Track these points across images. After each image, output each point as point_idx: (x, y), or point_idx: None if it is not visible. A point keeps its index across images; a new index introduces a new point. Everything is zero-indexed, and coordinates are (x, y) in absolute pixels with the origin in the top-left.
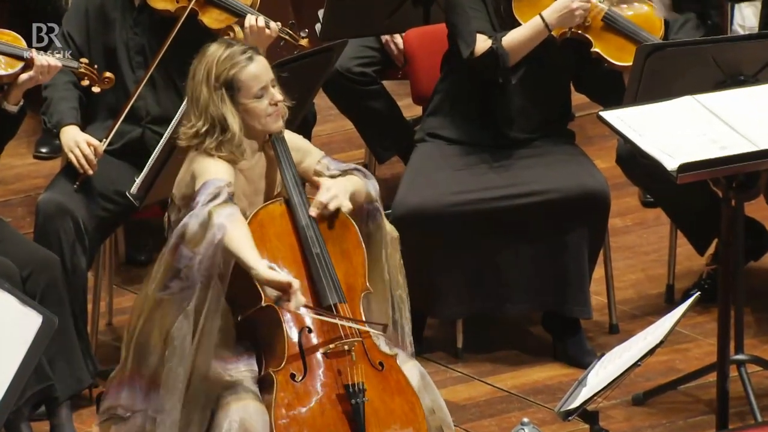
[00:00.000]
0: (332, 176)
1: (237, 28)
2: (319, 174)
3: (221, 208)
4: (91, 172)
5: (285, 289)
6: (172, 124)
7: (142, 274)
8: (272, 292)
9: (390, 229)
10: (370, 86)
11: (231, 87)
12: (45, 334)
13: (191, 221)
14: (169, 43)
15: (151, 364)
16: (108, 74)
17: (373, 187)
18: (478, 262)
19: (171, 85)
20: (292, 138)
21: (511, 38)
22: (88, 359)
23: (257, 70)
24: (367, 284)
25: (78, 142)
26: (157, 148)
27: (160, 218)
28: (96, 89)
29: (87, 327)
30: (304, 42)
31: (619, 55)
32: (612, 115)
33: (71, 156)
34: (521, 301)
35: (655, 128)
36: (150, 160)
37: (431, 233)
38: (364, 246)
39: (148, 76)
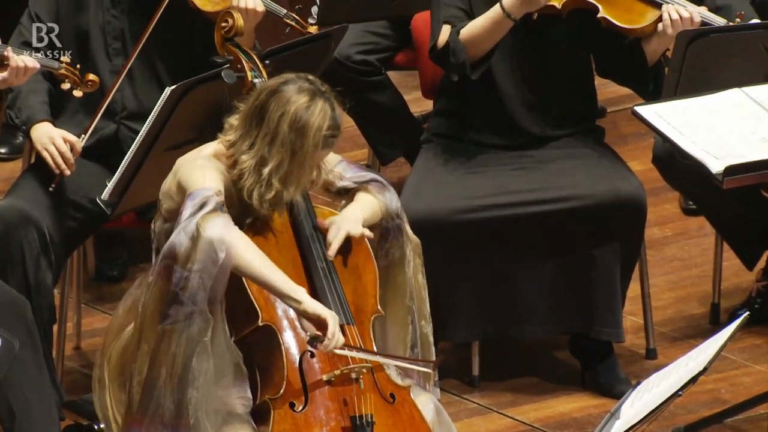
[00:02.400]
0: (344, 188)
1: (237, 15)
2: (330, 183)
3: (210, 218)
4: (68, 172)
5: (324, 326)
6: (148, 120)
7: (115, 291)
8: (308, 328)
9: (412, 238)
10: (373, 77)
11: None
12: (3, 358)
13: (180, 238)
14: (153, 27)
15: (165, 407)
16: (92, 77)
17: (393, 202)
18: (493, 277)
19: (153, 76)
20: None
21: (469, 29)
22: (53, 389)
23: (322, 155)
24: (378, 307)
25: (53, 138)
26: (132, 148)
27: (134, 228)
28: (78, 93)
29: (52, 351)
30: (312, 29)
31: (628, 18)
32: (649, 111)
33: (45, 154)
34: (542, 322)
35: (698, 125)
36: (124, 161)
37: (439, 244)
38: (375, 262)
39: (129, 65)
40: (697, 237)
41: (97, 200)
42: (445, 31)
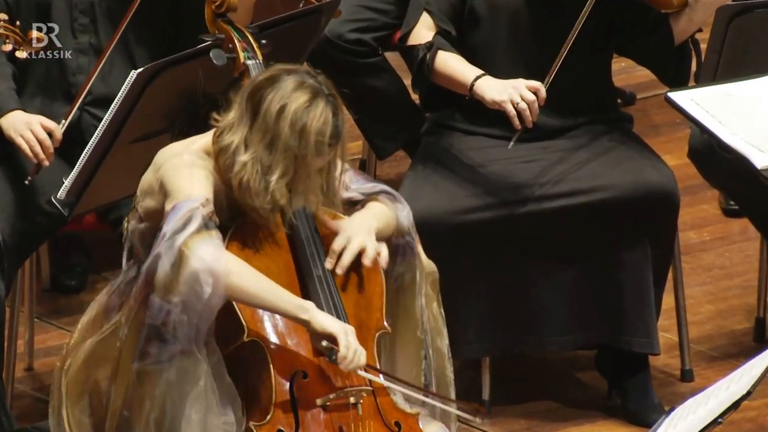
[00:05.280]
0: (350, 199)
1: None
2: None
3: (196, 241)
4: (47, 163)
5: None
6: (112, 107)
7: (72, 303)
8: (328, 344)
9: (426, 264)
10: (369, 58)
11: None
12: None
13: (161, 264)
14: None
15: None
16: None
17: (405, 216)
18: (505, 283)
19: (126, 57)
20: None
21: (444, 62)
22: (2, 416)
23: (324, 161)
24: (385, 323)
25: (30, 123)
26: (92, 139)
27: (95, 232)
28: (22, 54)
29: (2, 373)
30: None
31: None
32: (684, 97)
33: (21, 141)
34: (563, 333)
35: (741, 113)
36: (83, 154)
37: (442, 248)
38: (382, 273)
39: (113, 45)
40: (739, 242)
41: (53, 199)
42: (425, 25)
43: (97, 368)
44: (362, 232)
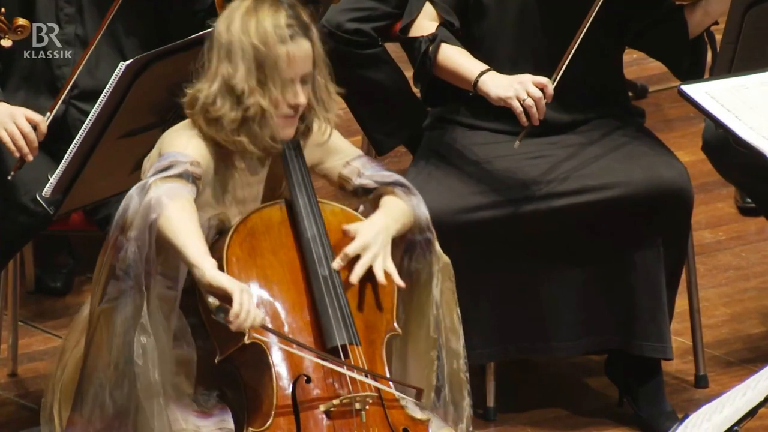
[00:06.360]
0: (363, 186)
1: None
2: (346, 180)
3: (166, 180)
4: (31, 158)
5: (231, 300)
6: (99, 101)
7: (58, 306)
8: (215, 300)
9: (442, 256)
10: (369, 49)
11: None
12: None
13: (132, 202)
14: None
15: (106, 404)
16: (21, 21)
17: (421, 211)
18: (512, 285)
19: (114, 49)
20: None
21: (447, 56)
22: None
23: (295, 53)
24: (395, 325)
25: (14, 116)
26: (79, 134)
27: (82, 231)
28: (6, 42)
29: None
30: None
31: None
32: (698, 90)
33: (4, 134)
34: (572, 337)
35: (757, 107)
36: (69, 150)
37: (446, 248)
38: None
39: (100, 35)
40: (756, 242)
41: (37, 197)
42: (428, 16)
43: (97, 353)
44: (378, 242)
